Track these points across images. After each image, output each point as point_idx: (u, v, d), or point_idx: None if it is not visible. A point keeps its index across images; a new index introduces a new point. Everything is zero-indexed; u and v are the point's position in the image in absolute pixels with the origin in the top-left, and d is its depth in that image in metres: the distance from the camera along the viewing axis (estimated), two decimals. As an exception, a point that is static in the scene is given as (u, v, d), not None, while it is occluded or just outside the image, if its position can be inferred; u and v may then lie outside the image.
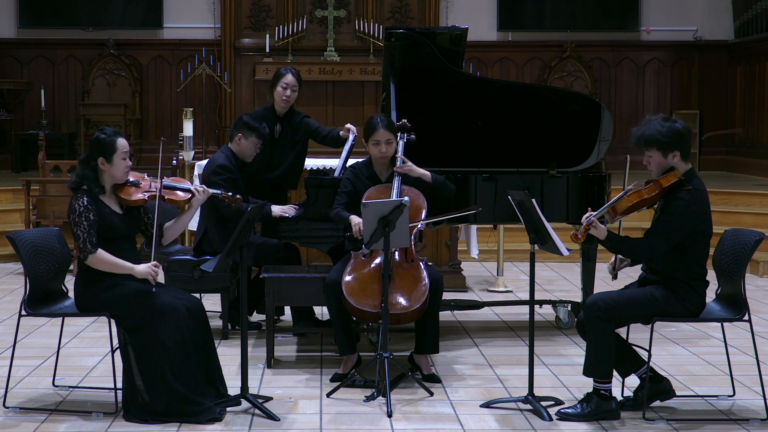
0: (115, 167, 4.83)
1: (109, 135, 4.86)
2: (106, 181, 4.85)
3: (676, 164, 4.75)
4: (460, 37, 6.50)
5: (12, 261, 9.17)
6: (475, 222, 6.60)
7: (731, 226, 5.46)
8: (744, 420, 4.79)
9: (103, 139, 4.84)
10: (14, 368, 5.09)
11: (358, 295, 5.23)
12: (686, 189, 4.70)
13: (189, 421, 4.64)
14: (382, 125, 5.58)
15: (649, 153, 4.78)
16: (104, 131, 4.89)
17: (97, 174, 4.83)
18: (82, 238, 4.71)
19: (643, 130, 4.79)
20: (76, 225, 4.73)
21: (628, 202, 4.70)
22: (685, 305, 4.74)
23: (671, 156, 4.73)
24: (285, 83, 6.70)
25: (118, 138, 4.85)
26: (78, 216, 4.73)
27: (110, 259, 4.77)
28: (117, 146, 4.82)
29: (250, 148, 6.35)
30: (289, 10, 13.65)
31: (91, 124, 13.48)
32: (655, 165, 4.77)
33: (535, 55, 14.27)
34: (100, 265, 4.76)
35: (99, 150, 4.82)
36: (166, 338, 4.67)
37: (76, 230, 4.74)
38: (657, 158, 4.76)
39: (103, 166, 4.82)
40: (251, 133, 6.32)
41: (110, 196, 4.87)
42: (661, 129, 4.73)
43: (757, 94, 13.26)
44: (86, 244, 4.71)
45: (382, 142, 5.59)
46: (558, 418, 4.76)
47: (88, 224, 4.72)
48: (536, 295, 5.26)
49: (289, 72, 6.73)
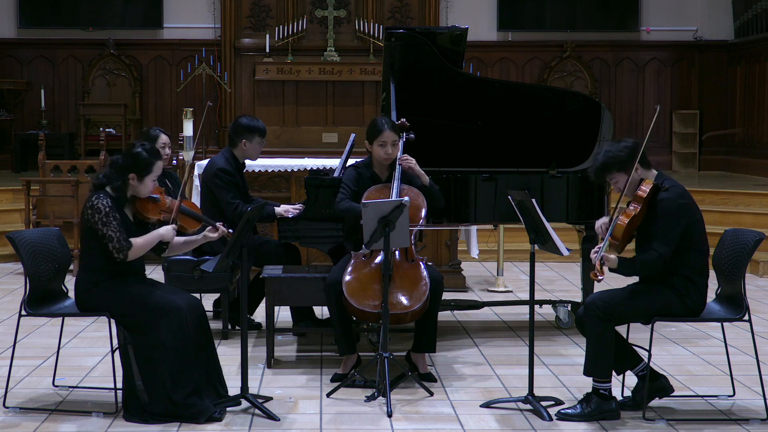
0: (143, 186, 4.81)
1: (149, 155, 4.80)
2: (130, 193, 4.84)
3: (643, 175, 4.77)
4: (460, 37, 6.50)
5: (12, 261, 9.16)
6: (475, 222, 6.60)
7: (731, 226, 5.47)
8: (744, 420, 4.79)
9: (144, 158, 4.78)
10: (14, 368, 5.09)
11: (358, 295, 5.23)
12: (664, 189, 4.72)
13: (189, 421, 4.64)
14: (388, 127, 5.61)
15: (614, 178, 4.80)
16: (146, 148, 4.82)
17: (125, 186, 4.80)
18: (116, 238, 4.68)
19: (596, 162, 4.85)
20: (105, 225, 4.67)
21: (621, 227, 4.67)
22: (684, 301, 4.74)
23: (634, 170, 4.74)
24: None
25: (157, 161, 4.83)
26: (105, 216, 4.68)
27: (144, 241, 4.78)
28: (153, 169, 4.81)
29: (257, 148, 6.41)
30: (289, 10, 13.65)
31: (91, 124, 13.50)
32: (626, 185, 4.75)
33: (535, 55, 14.27)
34: (139, 252, 4.77)
35: (136, 166, 4.78)
36: (166, 339, 4.66)
37: (106, 230, 4.68)
38: (622, 179, 4.76)
39: (133, 182, 4.79)
40: (253, 135, 6.35)
41: (127, 205, 4.87)
42: (609, 151, 4.79)
43: (757, 94, 13.26)
44: (122, 242, 4.70)
45: (388, 144, 5.61)
46: (558, 419, 4.76)
47: (117, 223, 4.70)
48: (536, 295, 5.26)
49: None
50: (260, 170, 8.53)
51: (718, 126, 14.08)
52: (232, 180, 6.27)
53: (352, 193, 5.65)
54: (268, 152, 12.18)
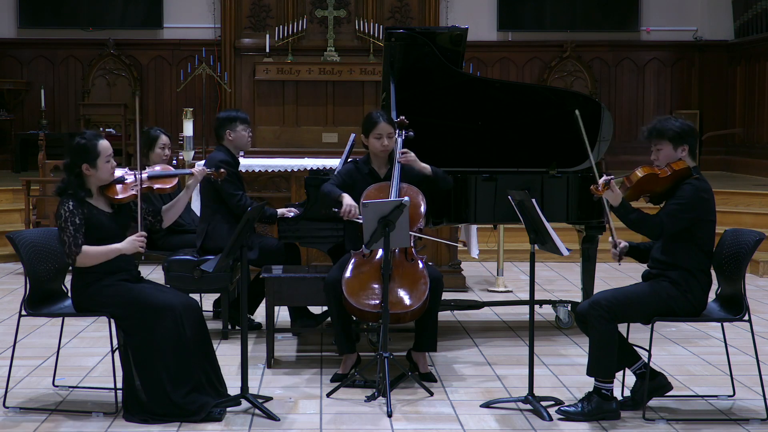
0: (100, 170, 4.76)
1: (89, 139, 4.75)
2: (92, 184, 4.79)
3: (684, 158, 4.82)
4: (460, 37, 6.50)
5: (12, 261, 9.16)
6: (476, 222, 6.60)
7: (731, 226, 5.46)
8: (744, 420, 4.79)
9: (83, 144, 4.73)
10: (14, 368, 5.09)
11: (358, 294, 5.23)
12: (695, 177, 4.79)
13: (189, 419, 4.64)
14: (383, 119, 5.64)
15: (659, 145, 4.84)
16: (84, 135, 4.78)
17: (82, 179, 4.75)
18: (68, 243, 4.66)
19: (656, 122, 4.90)
20: (62, 230, 4.67)
21: (641, 172, 4.78)
22: (687, 298, 4.74)
23: (681, 149, 4.82)
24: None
25: (100, 141, 4.76)
26: (64, 221, 4.67)
27: (96, 250, 4.71)
28: (99, 150, 4.74)
29: (243, 136, 6.45)
30: (289, 10, 13.65)
31: (91, 124, 13.49)
32: (664, 158, 4.82)
33: (535, 55, 14.27)
34: (90, 260, 4.71)
35: (82, 156, 4.73)
36: (163, 340, 4.65)
37: (61, 234, 4.68)
38: (667, 150, 4.81)
39: (88, 171, 4.74)
40: (234, 123, 6.42)
41: (97, 197, 4.83)
42: (674, 122, 4.86)
43: (757, 94, 13.27)
44: (71, 247, 4.66)
45: (384, 136, 5.62)
46: (558, 417, 4.76)
47: (74, 228, 4.66)
48: (536, 295, 5.26)
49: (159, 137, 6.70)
50: (260, 170, 8.53)
51: (718, 126, 14.08)
52: (234, 171, 6.31)
53: (340, 183, 5.66)
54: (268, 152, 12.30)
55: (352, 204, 5.46)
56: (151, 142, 6.61)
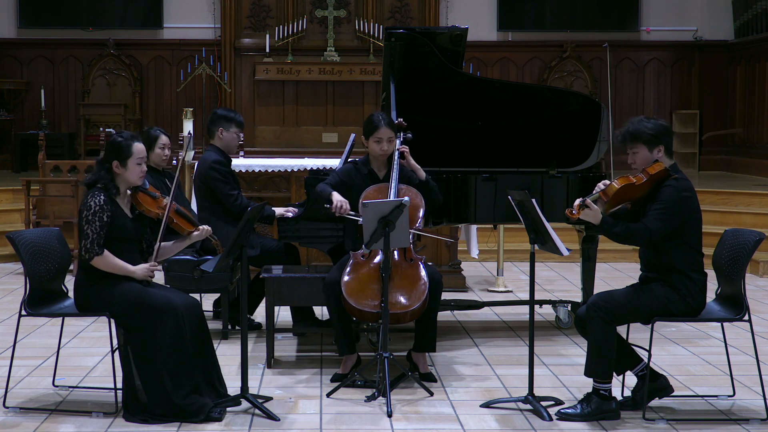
0: (129, 171, 4.82)
1: (126, 139, 4.86)
2: (120, 183, 4.85)
3: (661, 159, 4.80)
4: (460, 37, 6.50)
5: (12, 261, 9.16)
6: (476, 222, 6.59)
7: (731, 226, 5.47)
8: (744, 420, 4.79)
9: (119, 142, 4.83)
10: (14, 368, 5.09)
11: (357, 295, 5.23)
12: (674, 178, 4.75)
13: (188, 420, 4.64)
14: (384, 123, 5.63)
15: (635, 149, 4.82)
16: (122, 134, 4.90)
17: (112, 175, 4.83)
18: (91, 238, 4.70)
19: (628, 126, 4.87)
20: (88, 223, 4.71)
21: (615, 187, 4.71)
22: (686, 301, 4.73)
23: (656, 151, 4.80)
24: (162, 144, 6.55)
25: (135, 143, 4.85)
26: (92, 214, 4.71)
27: (113, 261, 4.76)
28: (132, 151, 4.82)
29: (234, 138, 6.46)
30: (289, 10, 13.65)
31: (91, 124, 13.50)
32: (641, 160, 4.80)
33: (535, 55, 14.27)
34: (103, 266, 4.75)
35: (115, 153, 4.82)
36: (164, 339, 4.66)
37: (86, 228, 4.71)
38: (642, 153, 4.79)
39: (118, 170, 4.81)
40: (230, 124, 6.42)
41: (123, 198, 4.88)
42: (646, 124, 4.83)
43: (757, 94, 13.27)
44: (94, 244, 4.70)
45: (384, 140, 5.62)
46: (558, 418, 4.76)
47: (100, 225, 4.71)
48: (536, 295, 5.26)
49: (160, 133, 6.56)
50: (260, 170, 8.53)
51: (718, 126, 14.08)
52: (228, 171, 6.32)
53: (337, 181, 5.67)
54: (268, 152, 12.31)
55: (341, 200, 5.48)
56: (150, 142, 6.60)
